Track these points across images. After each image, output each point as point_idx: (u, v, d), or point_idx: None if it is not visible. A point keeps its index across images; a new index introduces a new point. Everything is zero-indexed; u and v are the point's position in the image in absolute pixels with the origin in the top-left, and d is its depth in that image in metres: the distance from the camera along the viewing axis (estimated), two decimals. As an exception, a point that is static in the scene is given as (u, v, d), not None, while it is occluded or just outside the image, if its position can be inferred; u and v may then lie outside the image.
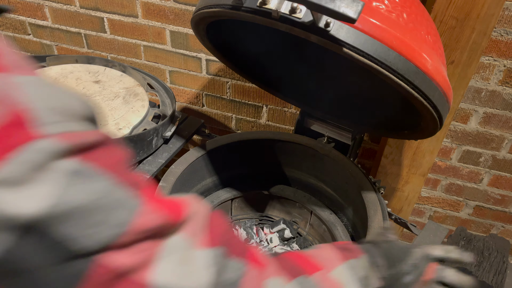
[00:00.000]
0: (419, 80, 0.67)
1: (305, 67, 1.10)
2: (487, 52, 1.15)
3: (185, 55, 1.44)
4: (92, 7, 1.43)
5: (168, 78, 1.54)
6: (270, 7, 0.63)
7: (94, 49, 1.55)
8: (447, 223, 1.59)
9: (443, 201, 1.54)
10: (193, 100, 1.57)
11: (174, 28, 1.38)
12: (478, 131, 1.32)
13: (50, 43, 1.59)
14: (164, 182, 0.96)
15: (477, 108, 1.27)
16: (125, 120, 1.08)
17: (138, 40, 1.46)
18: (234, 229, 1.20)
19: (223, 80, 1.47)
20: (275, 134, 1.14)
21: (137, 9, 1.38)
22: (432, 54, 0.69)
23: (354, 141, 1.12)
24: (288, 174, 1.21)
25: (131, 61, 1.53)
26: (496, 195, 1.45)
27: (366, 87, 1.01)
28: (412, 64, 0.65)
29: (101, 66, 1.29)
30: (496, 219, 1.52)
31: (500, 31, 1.11)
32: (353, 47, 0.63)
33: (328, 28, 0.62)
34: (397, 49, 0.64)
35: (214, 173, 1.15)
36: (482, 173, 1.41)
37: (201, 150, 1.07)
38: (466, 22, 0.97)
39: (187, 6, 1.32)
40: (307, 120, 1.19)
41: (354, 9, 0.52)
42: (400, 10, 0.67)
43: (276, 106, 1.48)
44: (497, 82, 1.20)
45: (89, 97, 1.15)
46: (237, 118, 1.57)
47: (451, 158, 1.41)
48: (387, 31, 0.64)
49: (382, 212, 0.92)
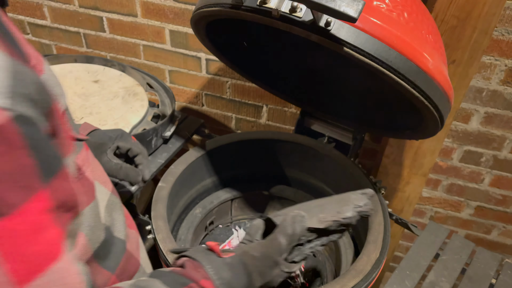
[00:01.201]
0: (420, 79, 0.66)
1: (305, 67, 1.10)
2: (489, 51, 1.15)
3: (184, 54, 1.44)
4: (91, 6, 1.42)
5: (167, 78, 1.53)
6: (270, 6, 0.63)
7: (93, 48, 1.55)
8: (448, 224, 1.59)
9: (444, 202, 1.53)
10: (193, 99, 1.57)
11: (174, 27, 1.38)
12: (479, 131, 1.31)
13: (49, 42, 1.59)
14: (163, 182, 0.95)
15: (479, 108, 1.26)
16: (124, 120, 1.07)
17: (137, 39, 1.46)
18: (233, 229, 1.20)
19: (223, 80, 1.46)
20: (275, 134, 1.14)
21: (137, 8, 1.37)
22: (433, 54, 0.69)
23: (355, 141, 1.12)
24: (288, 174, 1.21)
25: (130, 60, 1.53)
26: (498, 195, 1.45)
27: (367, 87, 1.01)
28: (413, 64, 0.65)
29: (100, 66, 1.29)
30: (498, 220, 1.52)
31: (501, 30, 1.11)
32: (354, 46, 0.63)
33: (328, 27, 0.61)
34: (398, 49, 0.64)
35: (214, 173, 1.15)
36: (484, 173, 1.41)
37: (201, 150, 1.06)
38: (467, 22, 0.97)
39: (187, 5, 1.31)
40: (308, 120, 1.19)
41: (354, 8, 0.52)
42: (401, 9, 0.67)
43: (276, 106, 1.47)
44: (499, 81, 1.19)
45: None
46: (237, 118, 1.57)
47: (452, 158, 1.40)
48: (388, 30, 0.63)
49: (383, 213, 0.92)
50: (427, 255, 0.95)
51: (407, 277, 0.89)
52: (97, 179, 0.53)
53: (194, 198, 1.13)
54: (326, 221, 0.57)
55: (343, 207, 0.59)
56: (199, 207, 1.14)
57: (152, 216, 0.87)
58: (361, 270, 0.79)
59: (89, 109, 1.10)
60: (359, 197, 0.61)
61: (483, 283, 0.91)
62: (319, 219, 0.58)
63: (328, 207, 0.60)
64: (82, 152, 0.49)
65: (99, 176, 0.54)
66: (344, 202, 0.60)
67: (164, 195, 0.92)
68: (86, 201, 0.46)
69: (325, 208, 0.59)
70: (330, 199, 0.63)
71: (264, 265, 0.52)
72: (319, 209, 0.60)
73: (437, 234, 1.00)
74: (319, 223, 0.57)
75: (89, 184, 0.48)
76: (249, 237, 0.58)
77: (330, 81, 1.09)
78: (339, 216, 0.58)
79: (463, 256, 0.96)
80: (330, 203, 0.61)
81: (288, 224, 0.54)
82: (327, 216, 0.58)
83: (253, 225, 0.60)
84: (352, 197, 0.61)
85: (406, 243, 1.69)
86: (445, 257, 0.95)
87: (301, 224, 0.55)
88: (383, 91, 0.92)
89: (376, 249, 0.83)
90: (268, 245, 0.53)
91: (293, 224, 0.55)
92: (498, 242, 1.58)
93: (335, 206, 0.59)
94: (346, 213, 0.58)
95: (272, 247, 0.53)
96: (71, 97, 1.13)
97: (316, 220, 0.57)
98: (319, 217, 0.58)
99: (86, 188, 0.47)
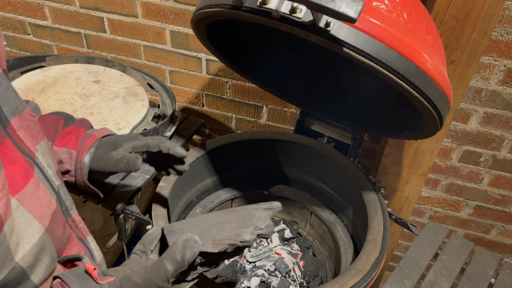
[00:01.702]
0: (420, 80, 0.67)
1: (305, 67, 1.10)
2: (488, 52, 1.15)
3: (185, 55, 1.44)
4: (92, 7, 1.43)
5: (168, 78, 1.54)
6: (270, 7, 0.63)
7: (94, 49, 1.55)
8: (447, 223, 1.59)
9: (443, 201, 1.54)
10: (193, 100, 1.57)
11: (174, 28, 1.38)
12: (478, 131, 1.31)
13: (50, 43, 1.59)
14: (164, 182, 0.96)
15: (478, 108, 1.27)
16: (125, 120, 1.08)
17: (138, 40, 1.46)
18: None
19: (223, 80, 1.47)
20: (275, 134, 1.14)
21: (137, 9, 1.38)
22: (432, 54, 0.69)
23: (354, 141, 1.12)
24: (288, 174, 1.21)
25: (131, 61, 1.53)
26: (497, 195, 1.45)
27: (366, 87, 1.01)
28: (412, 64, 0.65)
29: (101, 66, 1.29)
30: (497, 219, 1.52)
31: (500, 31, 1.11)
32: (353, 47, 0.63)
33: (328, 28, 0.62)
34: (397, 49, 0.64)
35: (214, 173, 1.15)
36: (483, 173, 1.41)
37: (201, 150, 1.07)
38: (466, 22, 0.97)
39: (187, 6, 1.32)
40: (307, 120, 1.19)
41: (354, 8, 0.52)
42: (400, 10, 0.67)
43: (276, 106, 1.48)
44: (498, 82, 1.20)
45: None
46: (237, 118, 1.57)
47: (452, 158, 1.41)
48: (388, 31, 0.64)
49: (382, 212, 0.92)
50: (427, 254, 0.95)
51: (407, 276, 0.90)
52: (32, 212, 0.48)
53: (194, 198, 1.13)
54: (222, 244, 0.55)
55: (242, 229, 0.57)
56: (200, 207, 1.14)
57: (153, 216, 0.87)
58: (360, 269, 0.79)
59: (90, 109, 1.10)
60: (262, 217, 0.59)
61: (482, 283, 0.91)
62: (215, 242, 0.55)
63: (228, 226, 0.57)
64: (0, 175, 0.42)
65: (35, 209, 0.49)
66: (245, 223, 0.58)
67: (165, 194, 0.92)
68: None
69: (224, 228, 0.57)
70: (233, 215, 0.60)
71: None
72: (218, 228, 0.57)
73: (436, 233, 1.00)
74: (214, 247, 0.55)
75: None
76: (142, 248, 0.55)
77: (330, 81, 1.10)
78: (237, 239, 0.56)
79: (462, 255, 0.96)
80: (231, 222, 0.58)
81: (178, 249, 0.50)
82: (224, 239, 0.55)
83: (149, 234, 0.56)
84: (256, 216, 0.59)
85: (405, 242, 1.69)
86: (444, 256, 0.96)
87: (192, 250, 0.51)
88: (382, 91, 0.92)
89: (375, 248, 0.83)
90: (153, 271, 0.49)
91: (184, 250, 0.50)
92: (497, 241, 1.58)
93: (235, 226, 0.57)
94: (245, 236, 0.56)
95: (157, 273, 0.49)
96: (72, 97, 1.14)
97: (210, 244, 0.55)
98: (215, 240, 0.55)
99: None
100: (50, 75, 1.22)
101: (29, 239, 0.47)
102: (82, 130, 0.74)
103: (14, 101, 0.49)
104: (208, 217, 0.61)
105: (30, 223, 0.48)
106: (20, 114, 0.50)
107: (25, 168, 0.49)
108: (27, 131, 0.51)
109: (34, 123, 0.53)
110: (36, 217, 0.49)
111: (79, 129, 0.74)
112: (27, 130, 0.51)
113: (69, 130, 0.73)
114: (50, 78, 1.20)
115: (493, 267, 0.95)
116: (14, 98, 0.49)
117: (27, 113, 0.52)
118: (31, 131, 0.52)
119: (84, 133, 0.73)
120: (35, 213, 0.49)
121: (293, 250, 1.14)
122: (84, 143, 0.71)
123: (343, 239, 1.08)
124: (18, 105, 0.50)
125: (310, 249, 1.17)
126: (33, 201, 0.49)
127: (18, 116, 0.50)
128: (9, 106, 0.48)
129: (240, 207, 0.63)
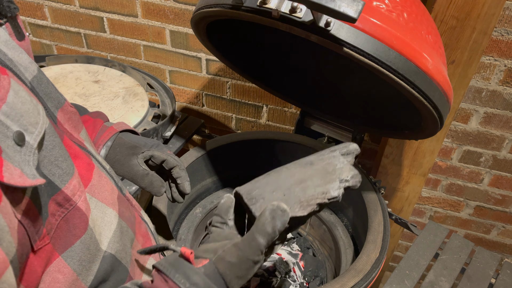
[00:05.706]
0: (420, 79, 0.66)
1: (305, 67, 1.10)
2: (488, 52, 1.15)
3: (185, 54, 1.44)
4: (91, 7, 1.43)
5: (168, 78, 1.54)
6: (270, 7, 0.63)
7: (93, 48, 1.55)
8: (447, 223, 1.59)
9: (443, 201, 1.53)
10: (193, 100, 1.57)
11: (174, 27, 1.38)
12: (478, 131, 1.31)
13: (50, 42, 1.59)
14: (163, 182, 0.95)
15: (478, 108, 1.26)
16: (124, 120, 1.08)
17: (138, 39, 1.46)
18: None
19: (223, 80, 1.47)
20: (275, 134, 1.14)
21: (137, 9, 1.38)
22: (432, 54, 0.69)
23: (354, 141, 1.12)
24: (288, 174, 1.21)
25: (131, 61, 1.53)
26: (497, 195, 1.45)
27: (366, 87, 1.01)
28: (412, 64, 0.65)
29: (100, 66, 1.29)
30: (497, 219, 1.52)
31: (500, 30, 1.11)
32: (354, 47, 0.63)
33: (328, 27, 0.62)
34: (398, 49, 0.64)
35: (214, 173, 1.15)
36: (483, 173, 1.41)
37: (201, 150, 1.06)
38: (466, 22, 0.97)
39: (187, 6, 1.32)
40: (307, 120, 1.19)
41: (354, 8, 0.52)
42: (400, 9, 0.67)
43: (276, 106, 1.48)
44: (498, 82, 1.20)
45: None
46: (237, 118, 1.57)
47: (452, 158, 1.40)
48: (388, 31, 0.64)
49: (383, 212, 0.92)
50: (427, 254, 0.95)
51: (407, 276, 0.90)
52: (104, 201, 0.50)
53: (194, 198, 1.13)
54: (310, 205, 0.50)
55: (327, 184, 0.51)
56: (200, 207, 1.14)
57: (153, 216, 0.87)
58: (360, 269, 0.79)
59: (90, 109, 1.10)
60: (344, 167, 0.53)
61: (483, 283, 0.91)
62: (302, 204, 0.50)
63: (311, 184, 0.52)
64: (75, 176, 0.44)
65: (105, 198, 0.50)
66: (329, 177, 0.52)
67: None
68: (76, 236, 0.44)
69: (308, 186, 0.51)
70: (311, 169, 0.54)
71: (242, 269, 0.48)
72: (300, 188, 0.52)
73: (436, 233, 1.00)
74: (302, 210, 0.50)
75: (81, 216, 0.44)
76: (220, 219, 0.53)
77: (330, 81, 1.10)
78: (325, 197, 0.50)
79: (462, 255, 0.96)
80: (312, 178, 0.53)
81: (267, 221, 0.48)
82: (311, 199, 0.50)
83: (223, 204, 0.54)
84: (338, 168, 0.53)
85: (405, 242, 1.69)
86: (444, 256, 0.96)
87: (282, 219, 0.48)
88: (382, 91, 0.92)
89: (375, 248, 0.83)
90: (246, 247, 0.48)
91: (273, 220, 0.48)
92: (497, 241, 1.58)
93: (319, 183, 0.52)
94: (332, 192, 0.50)
95: (250, 249, 0.47)
96: (71, 97, 1.13)
97: (298, 207, 0.50)
98: (302, 202, 0.50)
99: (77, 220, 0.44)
100: (50, 75, 1.22)
101: (109, 227, 0.49)
102: (99, 121, 0.71)
103: (55, 95, 0.49)
104: (283, 174, 0.55)
105: (105, 212, 0.50)
106: (62, 107, 0.50)
107: (87, 161, 0.49)
108: (70, 123, 0.51)
109: (74, 114, 0.53)
110: (108, 205, 0.51)
111: (95, 120, 0.71)
112: (70, 122, 0.51)
113: (84, 119, 0.71)
114: (50, 78, 1.20)
115: (493, 267, 0.95)
116: (55, 93, 0.49)
117: (67, 105, 0.51)
118: (73, 123, 0.52)
119: (102, 125, 0.70)
120: (107, 201, 0.51)
121: (293, 250, 1.14)
122: (101, 135, 0.68)
123: (343, 239, 1.08)
124: (60, 99, 0.50)
125: (310, 249, 1.17)
126: (102, 191, 0.50)
127: (61, 110, 0.50)
128: (52, 102, 0.48)
129: (314, 156, 0.56)
